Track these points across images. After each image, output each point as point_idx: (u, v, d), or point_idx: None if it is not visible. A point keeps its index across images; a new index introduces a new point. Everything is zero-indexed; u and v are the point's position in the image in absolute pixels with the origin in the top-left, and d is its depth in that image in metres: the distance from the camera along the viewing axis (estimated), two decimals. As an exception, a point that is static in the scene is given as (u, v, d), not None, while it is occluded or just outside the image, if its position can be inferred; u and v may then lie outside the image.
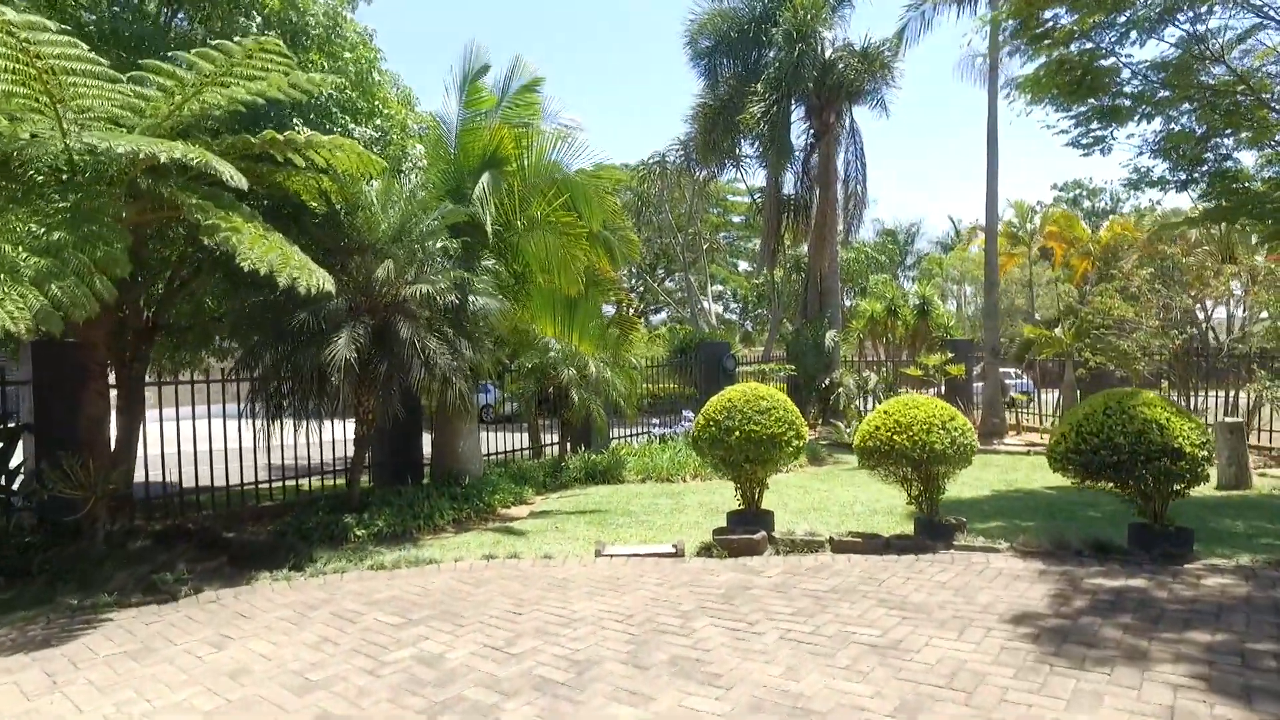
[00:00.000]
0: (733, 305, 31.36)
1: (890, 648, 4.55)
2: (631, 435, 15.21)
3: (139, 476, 9.73)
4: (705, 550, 6.91)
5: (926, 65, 74.80)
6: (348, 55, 9.77)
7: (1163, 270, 14.08)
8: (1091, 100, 9.86)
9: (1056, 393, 18.25)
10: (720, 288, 31.17)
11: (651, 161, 19.31)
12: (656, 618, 5.30)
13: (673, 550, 6.94)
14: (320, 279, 6.98)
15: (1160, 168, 9.76)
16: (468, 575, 6.66)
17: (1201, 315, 14.68)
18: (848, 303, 23.99)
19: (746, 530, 6.94)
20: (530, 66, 11.12)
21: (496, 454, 13.37)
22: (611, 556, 6.99)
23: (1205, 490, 10.42)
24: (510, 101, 11.01)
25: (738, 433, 6.95)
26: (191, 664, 4.79)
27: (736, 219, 28.80)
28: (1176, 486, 6.06)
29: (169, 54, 7.43)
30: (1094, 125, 9.80)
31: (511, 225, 10.31)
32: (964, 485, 10.99)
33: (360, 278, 8.54)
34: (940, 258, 39.03)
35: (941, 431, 6.54)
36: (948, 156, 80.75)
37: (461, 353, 8.74)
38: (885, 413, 6.82)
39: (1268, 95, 8.78)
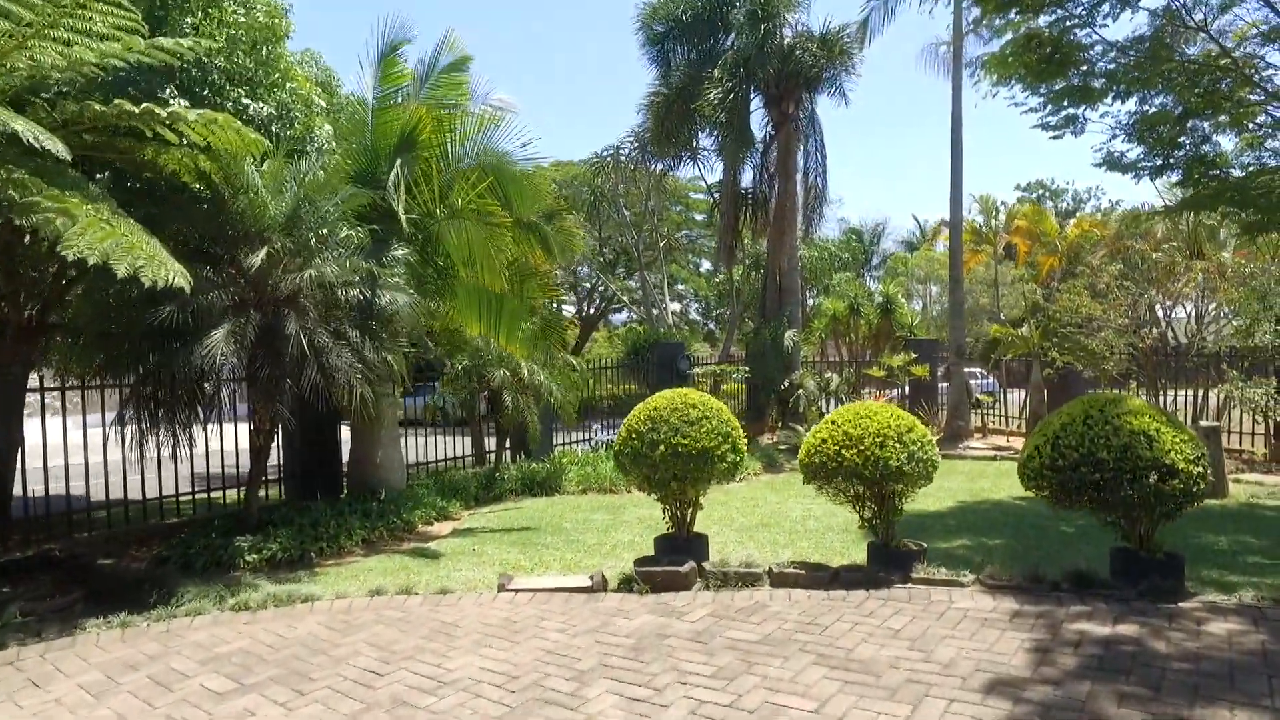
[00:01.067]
0: (694, 305, 30.36)
1: (826, 729, 3.52)
2: (577, 442, 14.11)
3: (31, 491, 8.47)
4: (626, 583, 5.84)
5: (892, 63, 74.53)
6: (242, 20, 8.57)
7: (1131, 266, 13.28)
8: (1061, 81, 8.97)
9: (1023, 393, 17.45)
10: (683, 287, 30.19)
11: (605, 154, 18.22)
12: (545, 680, 4.22)
13: (588, 584, 5.87)
14: (171, 272, 5.81)
15: (1134, 152, 8.87)
16: (342, 617, 5.53)
17: (1169, 313, 13.90)
18: (811, 302, 23.10)
19: (673, 560, 5.89)
20: (460, 43, 9.99)
21: (436, 461, 12.21)
22: (516, 592, 5.90)
23: (1182, 499, 9.58)
24: (436, 81, 9.87)
25: (663, 447, 5.89)
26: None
27: (699, 216, 27.83)
28: (1168, 508, 5.10)
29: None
30: (1065, 104, 8.89)
31: (432, 214, 9.18)
32: (927, 496, 10.02)
33: (250, 269, 7.37)
34: (906, 257, 38.38)
35: (898, 445, 5.53)
36: (914, 155, 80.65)
37: (363, 353, 7.60)
38: (833, 423, 5.79)
39: (1250, 71, 7.91)
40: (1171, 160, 8.64)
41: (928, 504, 9.58)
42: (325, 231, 7.46)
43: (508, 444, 12.84)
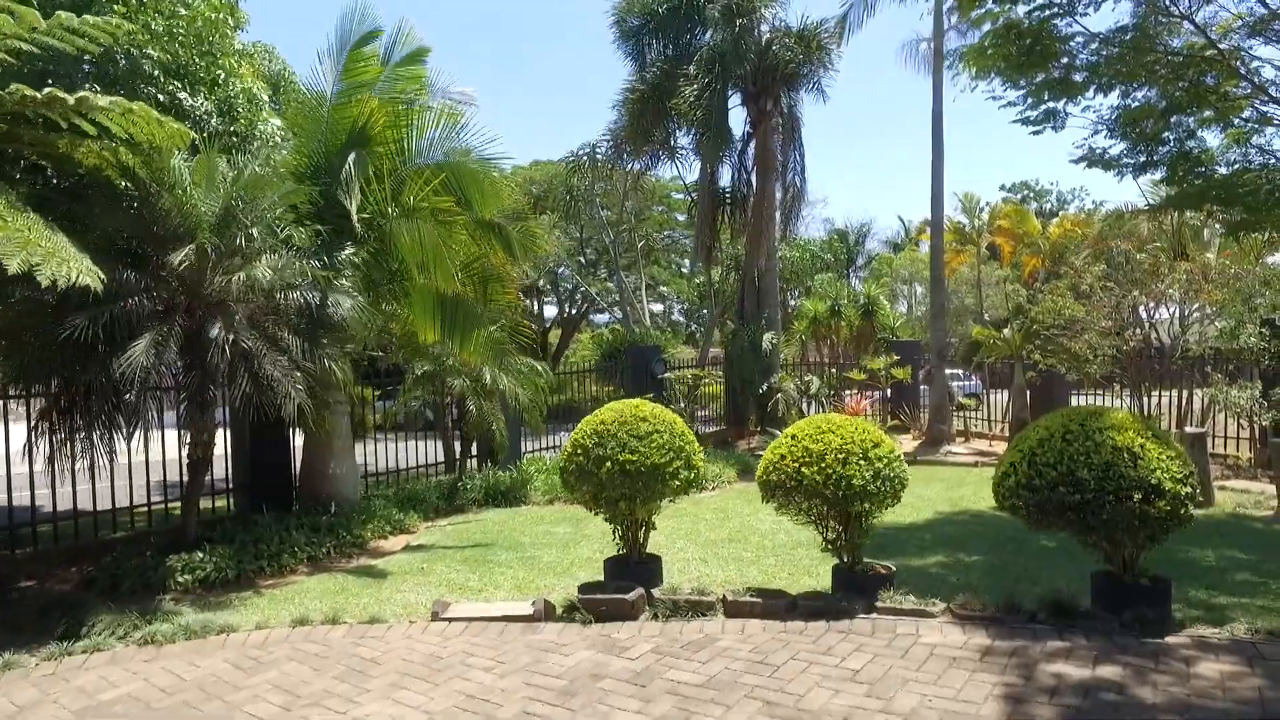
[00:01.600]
0: (677, 307, 29.81)
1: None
2: (547, 449, 13.59)
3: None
4: (569, 611, 5.34)
5: (880, 61, 74.34)
6: (183, 11, 8.04)
7: (1114, 267, 12.87)
8: (1041, 74, 8.52)
9: (1007, 395, 17.04)
10: (666, 289, 29.67)
11: (582, 152, 17.69)
12: (459, 735, 3.72)
13: (529, 612, 5.36)
14: (74, 270, 5.30)
15: (1117, 148, 8.42)
16: (255, 653, 5.01)
17: (1153, 314, 13.50)
18: (794, 303, 22.65)
19: (621, 587, 5.39)
20: (416, 35, 9.46)
21: (403, 469, 11.64)
22: (450, 620, 5.39)
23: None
24: (392, 74, 9.34)
25: (609, 464, 5.40)
26: None
27: (682, 217, 27.31)
28: (1153, 532, 4.64)
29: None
30: (1045, 98, 8.44)
31: (386, 214, 8.65)
32: (904, 507, 9.48)
33: (175, 270, 6.83)
34: (890, 258, 38.02)
35: (862, 462, 5.05)
36: (900, 155, 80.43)
37: (299, 361, 7.06)
38: (793, 438, 5.31)
39: (1236, 63, 7.47)
40: (1155, 157, 8.20)
41: (904, 515, 9.10)
42: (256, 232, 6.91)
43: (474, 451, 12.32)
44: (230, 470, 9.63)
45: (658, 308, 29.53)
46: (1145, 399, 13.13)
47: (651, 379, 13.93)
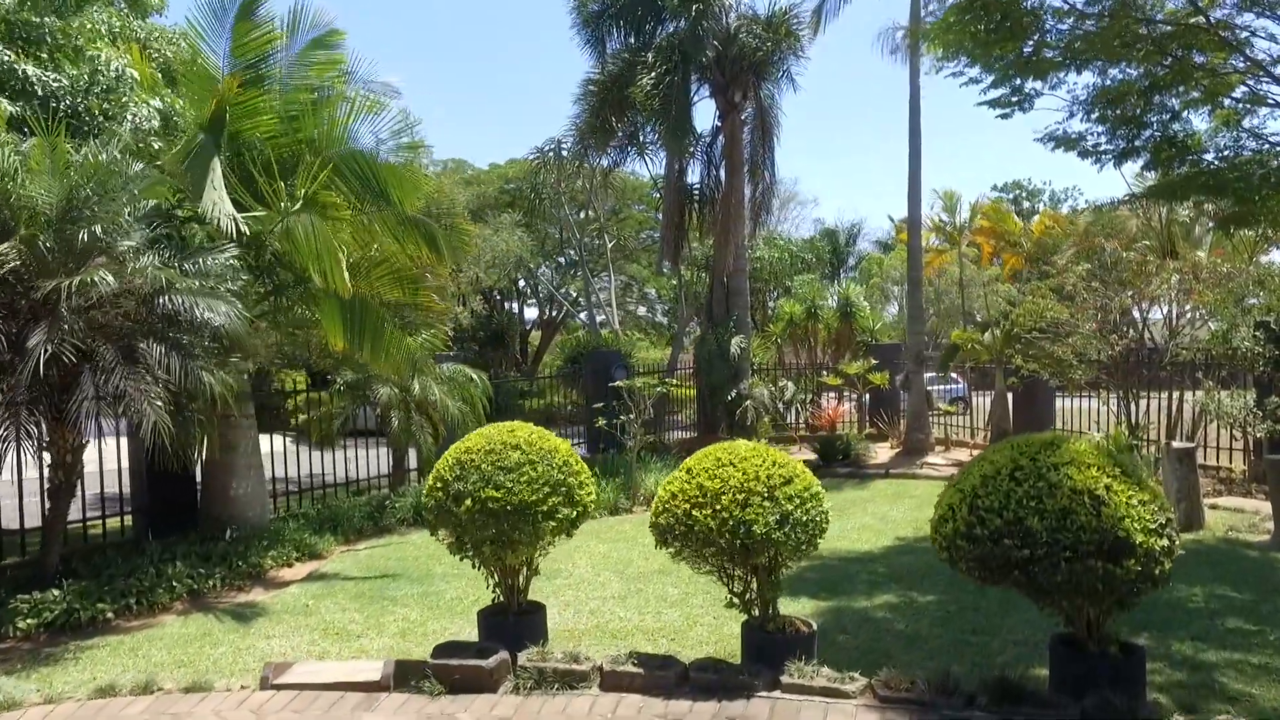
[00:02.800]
0: (659, 308, 28.74)
1: None
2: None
3: None
4: (420, 679, 4.35)
5: (871, 61, 73.25)
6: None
7: (1100, 266, 11.88)
8: (1013, 52, 7.54)
9: (993, 401, 16.02)
10: (650, 290, 28.66)
11: (547, 148, 16.69)
12: None
13: (376, 678, 4.38)
14: None
15: (1094, 133, 7.42)
16: (23, 739, 4.04)
17: (1140, 316, 12.49)
18: (773, 305, 21.64)
19: (481, 651, 4.40)
20: (325, 16, 8.47)
21: (351, 483, 10.61)
22: (278, 689, 4.41)
23: (1152, 533, 8.15)
24: (299, 59, 8.38)
25: (469, 501, 4.41)
26: None
27: (662, 217, 26.25)
28: (1121, 596, 3.65)
29: None
30: (1014, 77, 7.46)
31: (279, 209, 7.68)
32: (864, 530, 8.59)
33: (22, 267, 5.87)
34: (880, 258, 36.99)
35: (766, 504, 4.06)
36: (892, 154, 79.27)
37: (154, 371, 6.09)
38: (689, 472, 4.32)
39: (1228, 34, 6.47)
40: (1136, 143, 7.20)
41: (860, 541, 8.12)
42: (101, 229, 5.93)
43: (414, 464, 11.37)
44: (129, 492, 8.68)
45: (641, 309, 28.54)
46: (1133, 406, 12.13)
47: (611, 387, 12.91)
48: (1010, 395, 13.45)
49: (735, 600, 4.42)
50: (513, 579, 4.83)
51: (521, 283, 28.20)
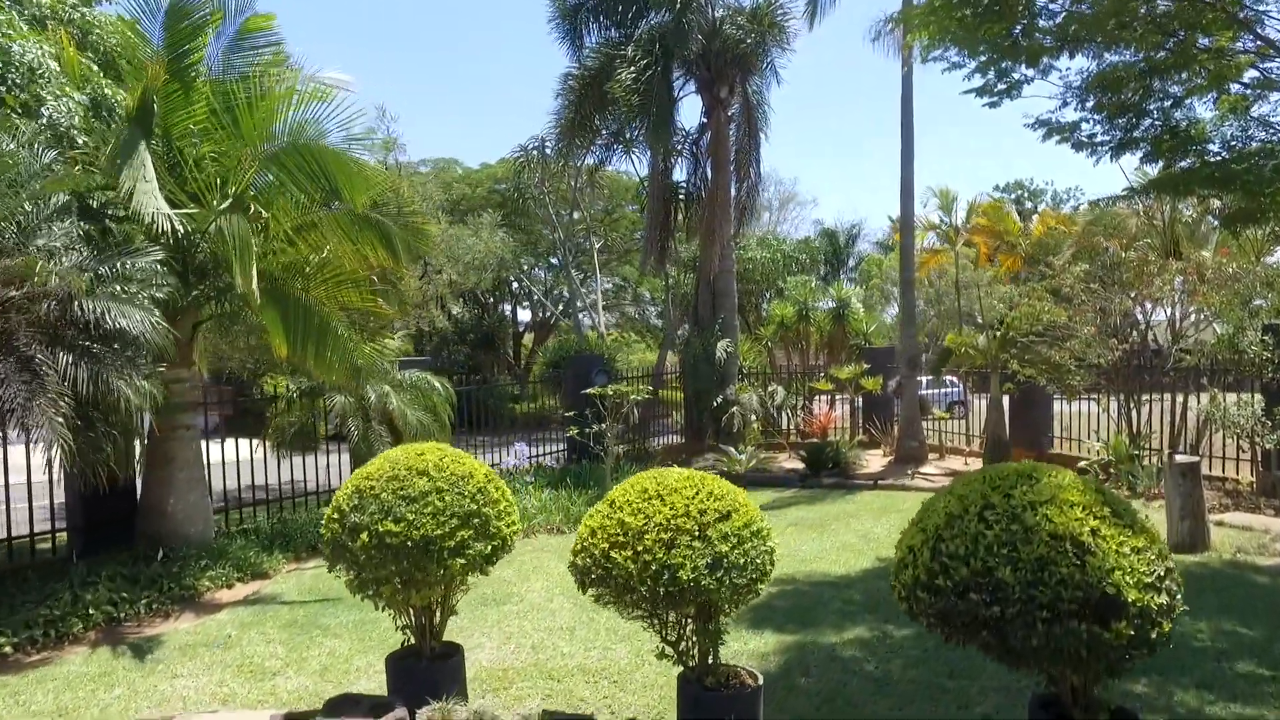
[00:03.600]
0: (653, 310, 28.09)
1: None
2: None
3: None
4: (308, 743, 3.78)
5: (871, 59, 72.48)
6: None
7: (1100, 267, 11.23)
8: (1000, 36, 6.92)
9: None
10: (647, 292, 28.04)
11: (531, 146, 16.11)
12: None
13: (259, 740, 3.81)
14: None
15: (1090, 122, 6.79)
16: None
17: (1143, 319, 11.83)
18: (766, 307, 21.00)
19: (376, 707, 3.81)
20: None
21: (318, 493, 10.03)
22: (146, 756, 3.84)
23: (1153, 553, 7.51)
24: (235, 46, 7.83)
25: (365, 535, 3.83)
26: None
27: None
28: (1111, 661, 3.03)
29: None
30: (1004, 64, 6.84)
31: (210, 207, 7.12)
32: (844, 551, 7.96)
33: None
34: (880, 259, 36.32)
35: (697, 544, 3.46)
36: (892, 154, 78.33)
37: (52, 383, 5.52)
38: (611, 505, 3.73)
39: (1236, 9, 5.84)
40: (1135, 133, 6.57)
41: (838, 563, 7.50)
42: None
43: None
44: (65, 508, 8.15)
45: (632, 311, 27.88)
46: (1135, 412, 11.47)
47: (584, 394, 12.34)
48: (1007, 401, 12.80)
49: (668, 650, 3.82)
50: (426, 618, 4.24)
51: (516, 285, 27.67)
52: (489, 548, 4.06)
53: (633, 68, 12.23)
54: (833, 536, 8.51)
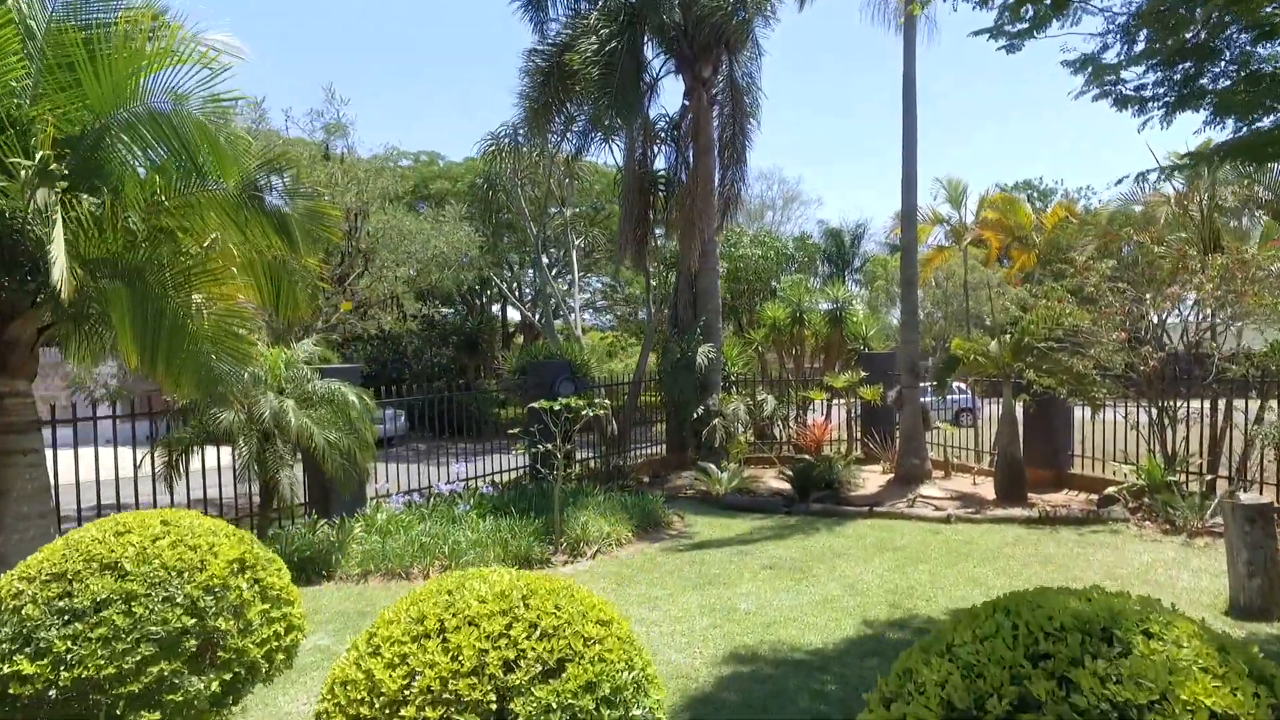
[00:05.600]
0: (642, 312, 26.54)
1: None
2: (418, 489, 10.51)
3: None
4: None
5: (879, 52, 70.60)
6: None
7: (1127, 264, 9.62)
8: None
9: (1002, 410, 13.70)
10: (639, 293, 26.48)
11: (502, 134, 14.58)
12: None
13: None
14: None
15: (1135, 72, 5.18)
16: None
17: (1179, 322, 10.17)
18: (759, 308, 19.37)
19: None
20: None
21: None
22: None
23: (1211, 614, 5.88)
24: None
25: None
26: None
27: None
28: None
29: None
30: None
31: (28, 181, 5.62)
32: (823, 607, 6.32)
33: None
34: (886, 259, 34.63)
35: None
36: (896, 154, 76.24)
37: None
38: (369, 642, 2.18)
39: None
40: (1202, 81, 4.96)
41: (813, 628, 5.87)
42: None
43: (301, 499, 9.31)
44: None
45: (605, 314, 26.38)
46: (1170, 430, 9.82)
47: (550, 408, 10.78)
48: (1020, 413, 11.16)
49: None
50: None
51: (502, 285, 26.19)
52: (219, 684, 2.51)
53: (594, 37, 10.69)
54: (813, 585, 6.92)
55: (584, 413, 8.67)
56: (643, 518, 9.43)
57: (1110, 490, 9.48)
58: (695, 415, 12.48)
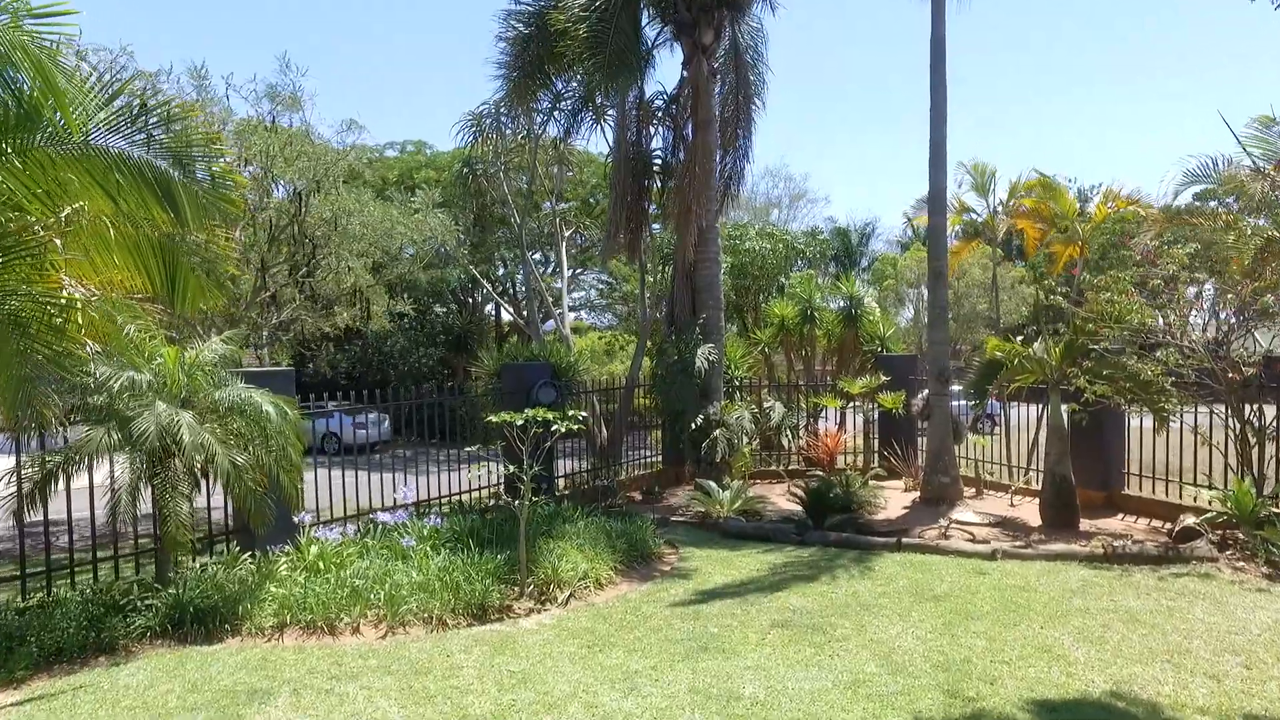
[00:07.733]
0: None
1: None
2: (369, 512, 8.89)
3: None
4: None
5: (888, 46, 68.76)
6: None
7: (1209, 250, 7.97)
8: None
9: (1032, 412, 12.02)
10: (634, 288, 24.94)
11: (483, 114, 12.97)
12: None
13: None
14: None
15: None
16: None
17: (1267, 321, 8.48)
18: (767, 305, 17.73)
19: None
20: None
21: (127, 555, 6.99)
22: None
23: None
24: None
25: None
26: None
27: (654, 209, 22.40)
28: None
29: None
30: None
31: None
32: (852, 695, 4.62)
33: None
34: (895, 257, 32.96)
35: None
36: (910, 152, 74.61)
37: None
38: None
39: None
40: None
41: (850, 712, 4.23)
42: None
43: (228, 527, 7.72)
44: None
45: (634, 310, 24.79)
46: (1257, 446, 8.11)
47: (536, 408, 9.12)
48: (1071, 430, 9.44)
49: None
50: None
51: (495, 282, 24.60)
52: None
53: (582, -10, 9.08)
54: (839, 655, 5.27)
55: (555, 427, 7.02)
56: (629, 549, 7.80)
57: (1190, 521, 7.79)
58: (694, 425, 10.85)
